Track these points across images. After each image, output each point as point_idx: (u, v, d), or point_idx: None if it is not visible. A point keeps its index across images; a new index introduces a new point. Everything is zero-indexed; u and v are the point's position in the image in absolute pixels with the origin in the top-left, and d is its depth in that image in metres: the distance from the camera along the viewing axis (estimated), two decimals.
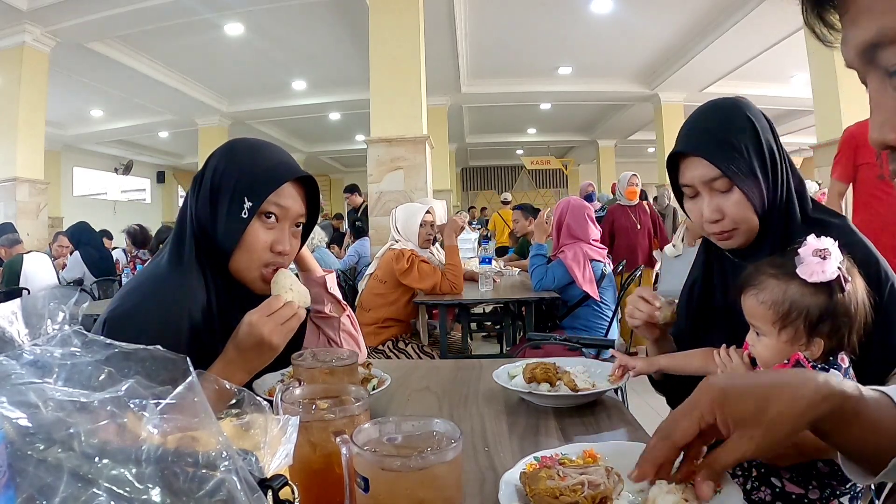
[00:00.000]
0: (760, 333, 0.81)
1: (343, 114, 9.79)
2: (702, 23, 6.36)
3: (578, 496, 0.55)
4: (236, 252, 0.94)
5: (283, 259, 0.97)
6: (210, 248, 0.95)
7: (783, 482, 0.80)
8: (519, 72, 8.01)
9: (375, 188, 4.46)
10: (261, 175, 0.94)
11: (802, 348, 0.77)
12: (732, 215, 0.93)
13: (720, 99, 0.99)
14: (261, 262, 0.95)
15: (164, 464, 0.39)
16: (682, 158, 0.98)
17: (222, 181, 0.94)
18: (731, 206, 0.93)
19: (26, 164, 5.54)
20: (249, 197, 0.92)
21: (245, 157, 0.96)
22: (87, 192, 12.04)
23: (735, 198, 0.92)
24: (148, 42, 6.39)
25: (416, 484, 0.48)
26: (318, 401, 0.61)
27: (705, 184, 0.94)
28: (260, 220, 0.94)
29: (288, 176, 0.96)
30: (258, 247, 0.94)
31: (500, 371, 1.10)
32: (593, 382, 1.03)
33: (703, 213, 0.95)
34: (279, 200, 0.95)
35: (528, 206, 4.98)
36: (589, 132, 12.49)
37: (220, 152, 0.99)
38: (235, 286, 0.97)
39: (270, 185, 0.94)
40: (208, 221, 0.95)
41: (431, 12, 4.97)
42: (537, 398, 0.99)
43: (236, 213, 0.93)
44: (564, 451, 0.69)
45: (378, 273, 2.79)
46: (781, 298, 0.77)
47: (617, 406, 0.99)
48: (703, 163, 0.93)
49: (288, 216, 0.97)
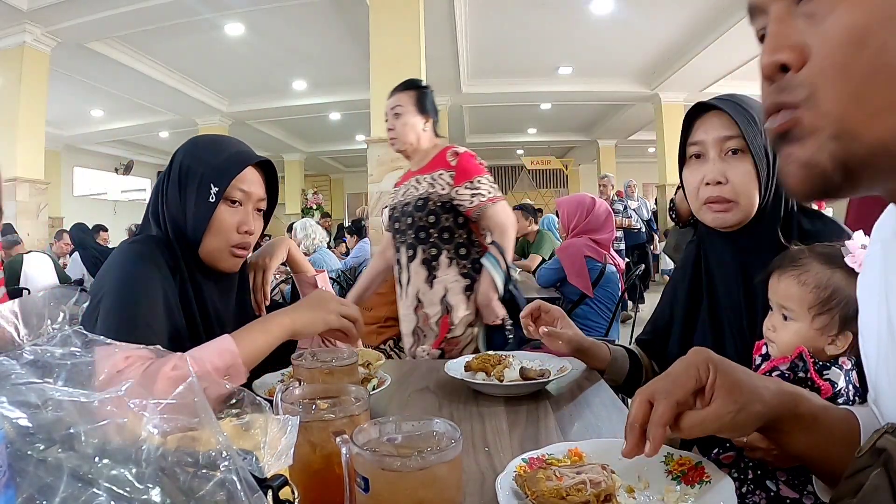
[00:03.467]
0: (791, 318, 0.79)
1: (343, 114, 9.79)
2: (702, 23, 6.35)
3: (585, 495, 0.55)
4: (206, 236, 1.02)
5: (250, 238, 1.06)
6: (181, 236, 1.03)
7: (779, 486, 0.79)
8: (519, 72, 8.01)
9: (375, 188, 4.46)
10: (223, 163, 1.03)
11: (830, 340, 0.76)
12: (736, 183, 0.92)
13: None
14: (229, 242, 1.04)
15: (164, 464, 0.39)
16: (700, 119, 0.97)
17: (189, 172, 1.02)
18: (738, 173, 0.91)
19: (26, 164, 5.53)
20: (215, 183, 1.01)
21: (208, 148, 1.06)
22: (88, 192, 12.03)
23: (744, 167, 0.91)
24: (148, 42, 6.39)
25: (416, 484, 0.48)
26: (318, 401, 0.61)
27: (719, 142, 0.93)
28: (226, 204, 1.03)
29: (248, 161, 1.05)
30: (225, 228, 1.03)
31: (457, 363, 1.16)
32: (541, 372, 1.06)
33: (706, 174, 0.94)
34: (241, 185, 1.04)
35: (528, 205, 4.98)
36: (589, 132, 12.48)
37: (184, 148, 1.08)
38: (207, 270, 1.06)
39: (233, 170, 1.02)
40: (178, 211, 1.03)
41: (431, 12, 4.96)
42: (477, 386, 1.06)
43: (204, 199, 1.01)
44: (550, 452, 0.69)
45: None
46: (826, 283, 0.75)
47: (618, 406, 1.00)
48: (723, 119, 0.92)
49: (250, 199, 1.06)
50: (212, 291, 1.06)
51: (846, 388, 0.75)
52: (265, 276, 1.20)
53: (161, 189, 1.05)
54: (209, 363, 0.87)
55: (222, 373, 0.87)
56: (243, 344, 0.91)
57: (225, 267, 1.06)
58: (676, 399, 0.55)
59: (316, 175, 15.28)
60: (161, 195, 1.05)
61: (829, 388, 0.74)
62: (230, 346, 0.89)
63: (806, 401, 0.58)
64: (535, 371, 1.05)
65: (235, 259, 1.06)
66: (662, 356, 1.14)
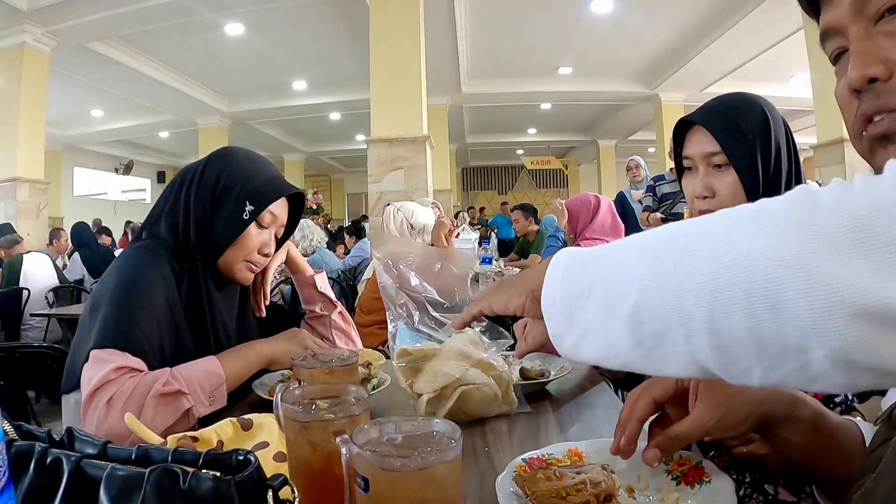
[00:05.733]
0: None
1: (343, 114, 9.79)
2: (702, 23, 6.35)
3: (585, 495, 0.55)
4: (229, 249, 1.04)
5: (265, 260, 1.10)
6: (201, 242, 1.04)
7: (777, 489, 0.79)
8: (519, 72, 8.01)
9: (376, 188, 4.46)
10: (263, 185, 1.05)
11: None
12: (722, 196, 0.93)
13: (746, 92, 1.00)
14: (248, 260, 1.07)
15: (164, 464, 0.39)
16: (689, 132, 0.99)
17: (226, 184, 1.04)
18: (723, 186, 0.93)
19: (26, 164, 5.53)
20: (252, 202, 1.03)
21: (247, 165, 1.07)
22: (88, 192, 12.03)
23: (729, 179, 0.93)
24: (148, 42, 6.39)
25: (416, 484, 0.48)
26: (318, 401, 0.61)
27: (704, 158, 0.95)
28: (255, 224, 1.05)
29: (286, 189, 1.09)
30: (250, 247, 1.05)
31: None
32: (541, 372, 1.06)
33: (695, 188, 0.96)
34: (274, 210, 1.07)
35: (528, 205, 4.98)
36: (589, 132, 12.48)
37: (219, 156, 1.09)
38: (216, 276, 1.08)
39: (272, 194, 1.05)
40: (204, 219, 1.03)
41: (431, 12, 4.96)
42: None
43: (237, 215, 1.02)
44: (550, 452, 0.69)
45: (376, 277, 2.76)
46: None
47: (618, 407, 0.99)
48: (706, 136, 0.94)
49: (276, 223, 1.09)
50: (216, 296, 1.08)
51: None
52: (265, 276, 1.21)
53: (185, 193, 1.05)
54: (197, 383, 0.89)
55: (208, 394, 0.90)
56: (228, 369, 0.94)
57: (239, 279, 1.08)
58: (653, 396, 0.57)
59: (316, 175, 15.28)
60: (184, 198, 1.04)
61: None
62: (217, 370, 0.93)
63: (805, 405, 0.57)
64: (535, 371, 1.05)
65: (249, 273, 1.09)
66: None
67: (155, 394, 0.83)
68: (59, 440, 0.44)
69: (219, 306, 1.07)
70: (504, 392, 0.91)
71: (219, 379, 0.92)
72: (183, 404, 0.86)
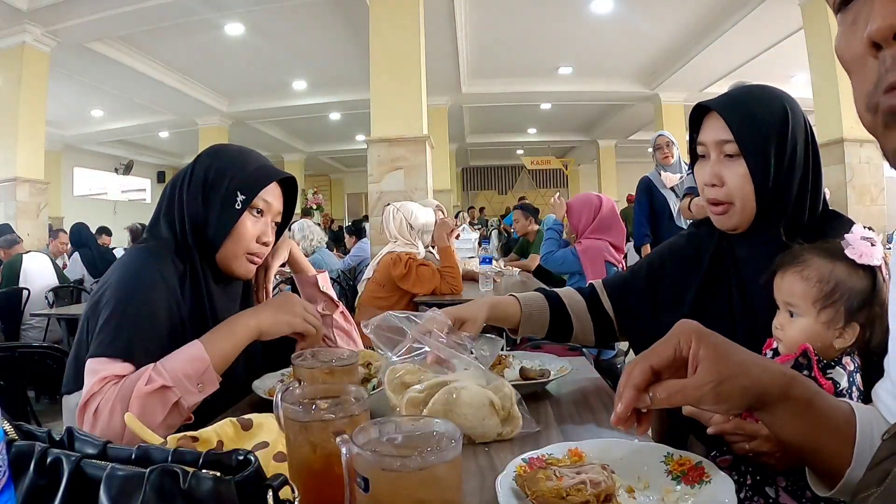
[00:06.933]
0: (797, 314, 0.80)
1: (343, 114, 9.79)
2: (702, 23, 6.36)
3: (585, 495, 0.55)
4: (226, 242, 1.04)
5: (265, 249, 1.10)
6: (199, 239, 1.04)
7: (778, 492, 0.79)
8: (519, 72, 8.01)
9: (376, 188, 4.46)
10: (253, 173, 1.06)
11: (838, 333, 0.77)
12: (731, 186, 0.93)
13: (771, 86, 0.99)
14: (246, 250, 1.06)
15: (164, 464, 0.39)
16: (705, 118, 0.98)
17: (215, 177, 1.04)
18: (733, 176, 0.92)
19: (26, 164, 5.53)
20: (242, 191, 1.03)
21: (235, 158, 1.08)
22: (88, 192, 12.03)
23: (739, 170, 0.92)
24: (148, 42, 6.39)
25: (416, 484, 0.48)
26: (318, 401, 0.61)
27: (716, 145, 0.94)
28: (249, 213, 1.05)
29: (276, 175, 1.09)
30: (247, 237, 1.05)
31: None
32: (541, 372, 1.05)
33: (705, 175, 0.96)
34: (266, 197, 1.06)
35: (528, 205, 4.98)
36: (589, 132, 12.48)
37: (208, 153, 1.09)
38: (217, 275, 1.08)
39: (262, 181, 1.05)
40: (199, 215, 1.04)
41: (431, 12, 4.96)
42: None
43: (230, 206, 1.03)
44: (550, 452, 0.69)
45: (376, 276, 2.76)
46: (828, 276, 0.77)
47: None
48: (720, 123, 0.93)
49: (271, 211, 1.09)
50: (220, 295, 1.08)
51: (849, 389, 0.75)
52: (267, 274, 1.21)
53: (178, 192, 1.06)
54: (181, 372, 0.87)
55: (195, 381, 0.88)
56: (212, 350, 0.91)
57: (240, 272, 1.08)
58: (650, 363, 0.56)
59: (316, 175, 15.28)
60: (177, 198, 1.05)
61: (832, 387, 0.74)
62: (201, 354, 0.90)
63: (800, 385, 0.56)
64: (535, 371, 1.05)
65: (250, 266, 1.08)
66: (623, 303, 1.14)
67: (138, 394, 0.82)
68: (59, 440, 0.44)
69: (220, 304, 1.07)
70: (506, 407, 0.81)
71: (203, 363, 0.89)
72: (169, 398, 0.85)
